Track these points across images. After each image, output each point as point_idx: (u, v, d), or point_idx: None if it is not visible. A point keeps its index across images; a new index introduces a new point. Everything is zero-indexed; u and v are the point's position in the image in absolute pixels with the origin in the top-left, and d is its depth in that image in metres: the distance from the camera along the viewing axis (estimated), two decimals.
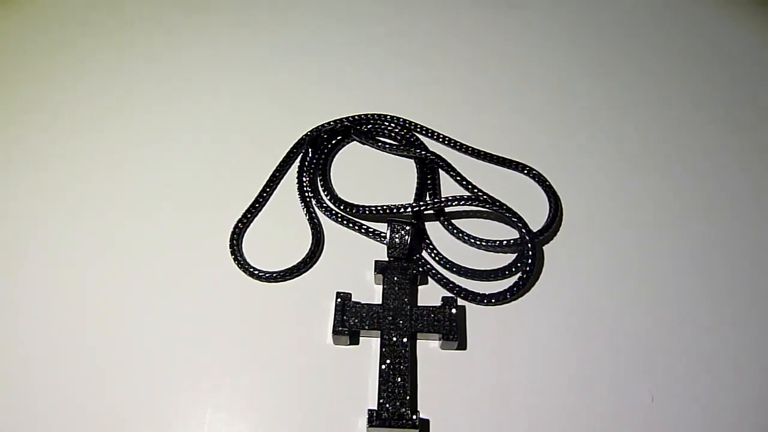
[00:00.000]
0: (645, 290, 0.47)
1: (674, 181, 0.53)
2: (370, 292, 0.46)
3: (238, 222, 0.49)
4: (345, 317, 0.44)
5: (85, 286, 0.46)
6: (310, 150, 0.53)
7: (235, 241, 0.48)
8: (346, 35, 0.63)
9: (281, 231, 0.50)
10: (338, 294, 0.45)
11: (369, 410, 0.40)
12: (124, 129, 0.55)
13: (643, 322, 0.45)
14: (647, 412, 0.42)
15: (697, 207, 0.52)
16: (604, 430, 0.41)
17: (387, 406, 0.40)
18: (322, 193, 0.52)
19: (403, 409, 0.40)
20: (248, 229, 0.50)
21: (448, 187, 0.52)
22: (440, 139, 0.55)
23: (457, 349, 0.44)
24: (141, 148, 0.54)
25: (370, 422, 0.40)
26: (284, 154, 0.53)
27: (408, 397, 0.41)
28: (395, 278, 0.45)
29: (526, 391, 0.42)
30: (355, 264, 0.48)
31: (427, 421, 0.41)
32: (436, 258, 0.48)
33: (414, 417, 0.40)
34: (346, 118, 0.55)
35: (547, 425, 0.41)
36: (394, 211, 0.48)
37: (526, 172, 0.53)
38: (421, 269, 0.47)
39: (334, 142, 0.54)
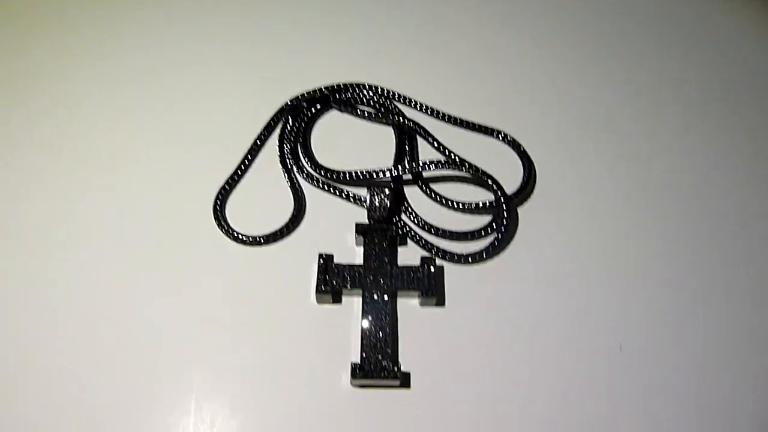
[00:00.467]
0: (614, 248, 0.49)
1: (647, 143, 0.55)
2: (351, 253, 0.48)
3: (221, 188, 0.51)
4: (327, 277, 0.45)
5: (66, 256, 0.47)
6: (290, 118, 0.54)
7: (218, 207, 0.50)
8: (325, 5, 0.63)
9: (264, 197, 0.51)
10: (320, 255, 0.46)
11: (352, 363, 0.42)
12: (106, 100, 0.56)
13: (613, 278, 0.48)
14: (617, 360, 0.44)
15: (668, 167, 0.54)
16: (576, 380, 0.43)
17: (369, 359, 0.42)
18: (303, 160, 0.53)
19: (385, 362, 0.42)
20: (231, 196, 0.51)
21: (426, 153, 0.54)
22: (418, 107, 0.56)
23: (435, 305, 0.46)
24: (123, 118, 0.54)
25: (354, 374, 0.42)
26: (265, 123, 0.54)
27: (389, 351, 0.43)
28: (376, 240, 0.47)
29: (501, 345, 0.45)
30: (336, 227, 0.49)
31: (408, 374, 0.43)
32: (415, 220, 0.50)
33: (395, 369, 0.42)
34: (326, 86, 0.56)
35: (522, 376, 0.43)
36: (374, 176, 0.49)
37: (501, 137, 0.54)
38: (400, 231, 0.49)
39: (314, 110, 0.55)
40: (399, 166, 0.49)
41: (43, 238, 0.48)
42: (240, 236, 0.48)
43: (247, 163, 0.52)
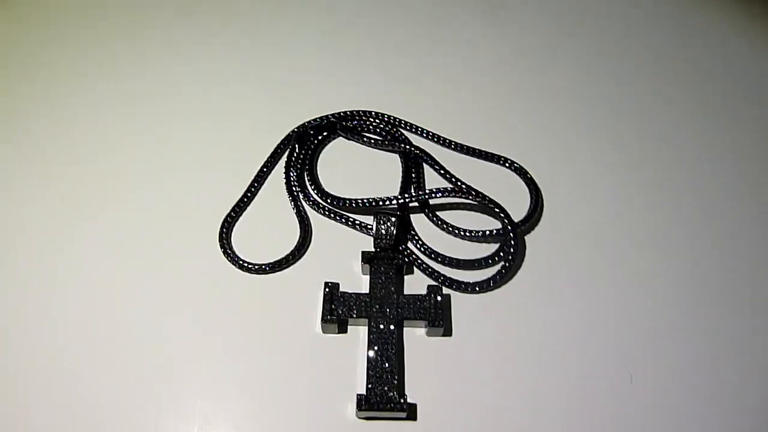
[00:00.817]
0: (624, 277, 0.49)
1: (655, 171, 0.55)
2: (357, 282, 0.48)
3: (227, 216, 0.51)
4: (333, 306, 0.45)
5: (73, 283, 0.47)
6: (296, 145, 0.55)
7: (224, 235, 0.50)
8: (331, 33, 0.64)
9: (270, 224, 0.51)
10: (326, 284, 0.46)
11: (358, 395, 0.42)
12: (113, 125, 0.56)
13: (623, 308, 0.47)
14: (627, 392, 0.44)
15: (679, 195, 0.54)
16: (586, 412, 0.43)
17: (375, 390, 0.42)
18: (309, 187, 0.53)
19: (391, 393, 0.42)
20: (237, 223, 0.51)
21: (432, 180, 0.54)
22: (424, 134, 0.56)
23: (442, 335, 0.46)
24: (129, 144, 0.55)
25: (359, 406, 0.41)
26: (272, 150, 0.55)
27: (396, 382, 0.42)
28: (382, 268, 0.47)
29: (509, 376, 0.44)
30: (342, 255, 0.49)
31: (415, 405, 0.43)
32: (422, 248, 0.50)
33: (402, 400, 0.42)
34: (332, 114, 0.57)
35: (531, 409, 0.43)
36: (380, 203, 0.49)
37: (507, 165, 0.55)
38: (406, 259, 0.49)
39: (320, 137, 0.56)
40: (405, 194, 0.49)
41: (42, 272, 0.48)
42: (245, 264, 0.48)
43: (253, 190, 0.53)
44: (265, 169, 0.54)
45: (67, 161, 0.54)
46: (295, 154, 0.54)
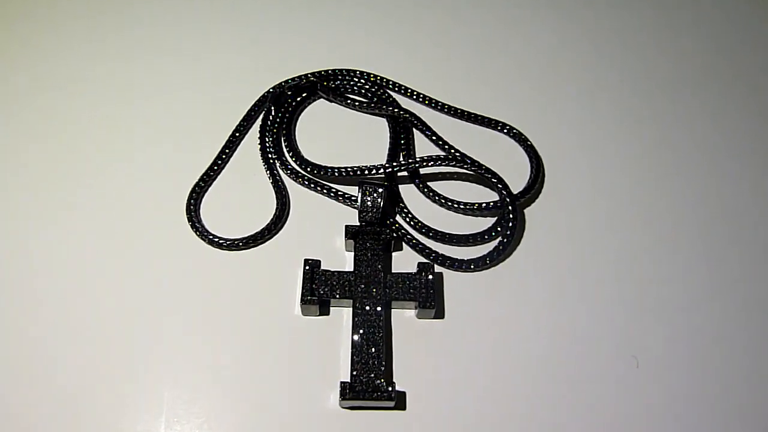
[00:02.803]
0: (628, 253, 0.48)
1: (669, 137, 0.54)
2: (340, 259, 0.47)
3: (195, 185, 0.49)
4: (314, 286, 0.44)
5: (31, 258, 0.46)
6: (272, 108, 0.53)
7: (192, 207, 0.48)
8: None
9: (243, 195, 0.50)
10: (306, 261, 0.45)
11: (342, 382, 0.41)
12: (75, 88, 0.54)
13: (627, 286, 0.47)
14: (633, 377, 0.43)
15: (694, 166, 0.53)
16: (590, 399, 0.42)
17: (361, 377, 0.41)
18: (286, 154, 0.51)
19: (378, 381, 0.41)
20: (207, 194, 0.50)
21: (423, 148, 0.53)
22: (414, 96, 0.55)
23: (434, 318, 0.45)
24: (93, 107, 0.53)
25: (343, 395, 0.40)
26: (245, 113, 0.53)
27: (383, 368, 0.41)
28: (367, 244, 0.46)
29: (507, 362, 0.43)
30: (323, 230, 0.48)
31: (404, 393, 0.42)
32: (411, 222, 0.49)
33: (390, 388, 0.41)
34: (312, 73, 0.55)
35: (529, 397, 0.42)
36: (366, 172, 0.48)
37: (506, 131, 0.53)
38: (395, 234, 0.47)
39: (299, 99, 0.54)
40: (393, 162, 0.48)
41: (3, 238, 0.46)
42: (216, 239, 0.47)
43: (224, 157, 0.51)
44: (237, 134, 0.52)
45: (23, 136, 0.52)
46: (270, 118, 0.53)
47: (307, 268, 0.45)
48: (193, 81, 0.55)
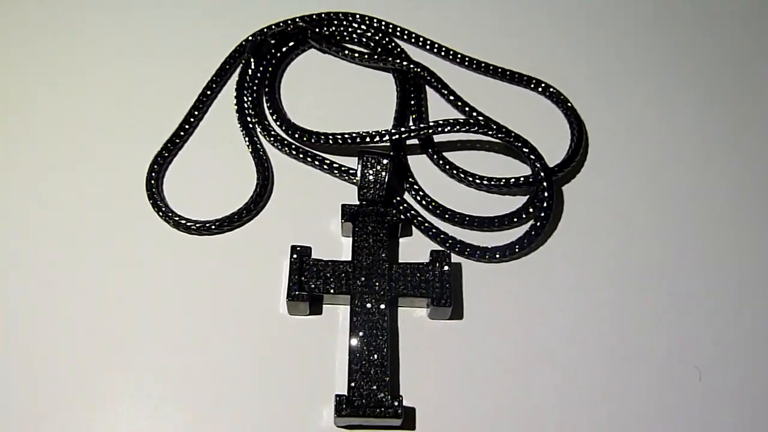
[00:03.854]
0: (690, 240, 0.49)
1: (733, 110, 0.55)
2: (336, 246, 0.48)
3: (157, 156, 0.50)
4: (303, 279, 0.45)
5: None
6: (252, 60, 0.54)
7: (153, 183, 0.49)
8: None
9: (216, 167, 0.51)
10: (294, 249, 0.46)
11: (337, 396, 0.42)
12: (18, 35, 0.55)
13: (689, 281, 0.48)
14: (694, 391, 0.44)
15: (758, 135, 0.54)
16: (644, 417, 0.43)
17: (360, 390, 0.42)
18: (269, 117, 0.52)
19: (381, 394, 0.42)
20: (171, 166, 0.51)
21: (438, 110, 0.54)
22: (427, 47, 0.56)
23: (450, 318, 0.46)
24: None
25: (339, 411, 0.41)
26: (218, 66, 0.54)
27: (387, 379, 0.42)
28: (369, 228, 0.47)
29: (538, 373, 0.44)
30: (314, 210, 0.49)
31: (413, 410, 0.43)
32: (423, 201, 0.49)
33: (395, 403, 0.42)
34: (302, 17, 0.56)
35: (566, 416, 0.43)
36: (367, 139, 0.49)
37: (540, 90, 0.54)
38: (402, 216, 0.48)
39: (284, 49, 0.55)
40: (401, 128, 0.49)
41: None
42: (183, 221, 0.48)
43: (192, 121, 0.52)
44: (209, 92, 0.53)
45: None
46: (250, 72, 0.54)
47: (294, 257, 0.45)
48: (153, 27, 0.56)
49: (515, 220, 0.49)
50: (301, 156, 0.51)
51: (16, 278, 0.46)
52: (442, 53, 0.56)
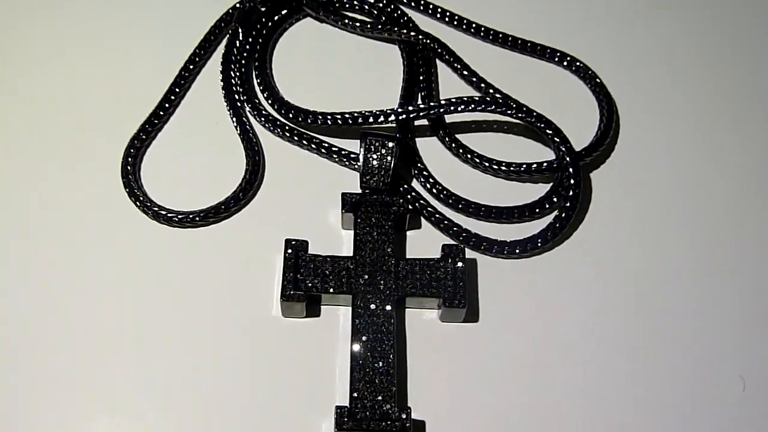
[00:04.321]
0: (734, 235, 0.49)
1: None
2: (335, 240, 0.48)
3: (133, 139, 0.50)
4: (299, 276, 0.45)
5: None
6: (240, 30, 0.54)
7: (129, 169, 0.49)
8: None
9: (200, 152, 0.51)
10: (288, 243, 0.46)
11: (337, 407, 0.42)
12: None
13: (732, 284, 0.48)
14: (738, 402, 0.44)
15: None
16: (681, 429, 0.44)
17: (364, 401, 0.42)
18: (260, 95, 0.52)
19: (387, 406, 0.42)
20: (150, 151, 0.51)
21: (450, 86, 0.54)
22: (438, 15, 0.56)
23: (464, 321, 0.46)
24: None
25: (339, 424, 0.42)
26: (201, 37, 0.54)
27: (394, 389, 0.43)
28: (373, 219, 0.47)
29: (563, 381, 0.45)
30: (311, 199, 0.49)
31: (422, 423, 0.43)
32: (434, 189, 0.50)
33: (403, 416, 0.42)
34: None
35: (594, 428, 0.44)
36: (371, 120, 0.49)
37: (566, 64, 0.54)
38: (410, 206, 0.48)
39: (276, 18, 0.55)
40: (409, 107, 0.49)
41: None
42: (163, 212, 0.48)
43: (173, 99, 0.52)
44: (191, 67, 0.53)
45: None
46: (238, 44, 0.54)
47: (289, 252, 0.45)
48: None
49: (537, 210, 0.49)
50: (295, 138, 0.51)
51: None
52: (455, 22, 0.56)
